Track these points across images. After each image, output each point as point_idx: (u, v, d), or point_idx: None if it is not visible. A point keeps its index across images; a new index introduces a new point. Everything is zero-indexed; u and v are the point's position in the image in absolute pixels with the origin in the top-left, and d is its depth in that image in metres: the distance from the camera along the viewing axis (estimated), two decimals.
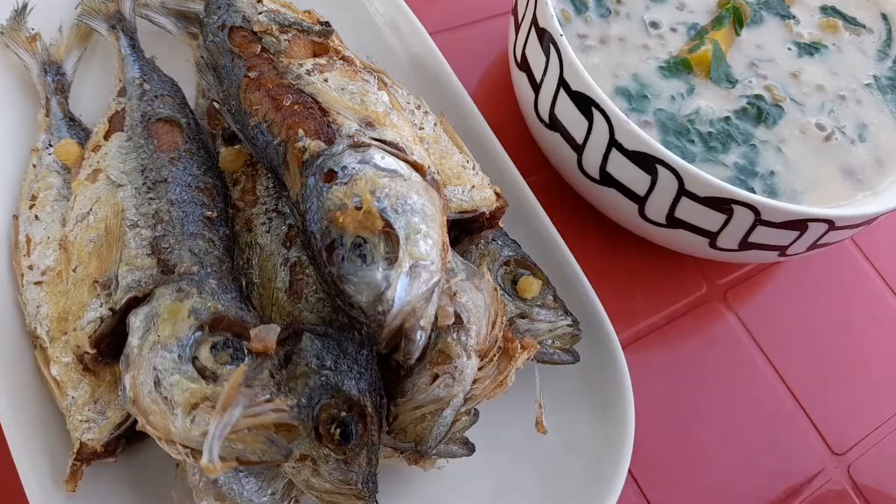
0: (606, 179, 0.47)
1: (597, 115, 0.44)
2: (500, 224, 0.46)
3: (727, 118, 0.50)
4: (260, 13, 0.44)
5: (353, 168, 0.34)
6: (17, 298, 0.40)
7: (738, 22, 0.53)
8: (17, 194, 0.44)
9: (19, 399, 0.36)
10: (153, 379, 0.30)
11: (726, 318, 0.55)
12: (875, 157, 0.50)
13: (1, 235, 0.42)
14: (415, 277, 0.33)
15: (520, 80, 0.52)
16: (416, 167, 0.37)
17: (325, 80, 0.40)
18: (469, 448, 0.39)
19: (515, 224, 0.48)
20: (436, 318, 0.34)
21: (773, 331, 0.55)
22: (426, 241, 0.34)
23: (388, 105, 0.40)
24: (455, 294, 0.36)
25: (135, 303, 0.33)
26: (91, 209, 0.38)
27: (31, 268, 0.39)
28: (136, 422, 0.35)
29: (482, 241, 0.44)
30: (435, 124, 0.45)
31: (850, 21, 0.57)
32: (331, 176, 0.34)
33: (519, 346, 0.36)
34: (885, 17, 0.57)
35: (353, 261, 0.32)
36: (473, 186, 0.41)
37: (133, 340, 0.32)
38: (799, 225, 0.44)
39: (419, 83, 0.52)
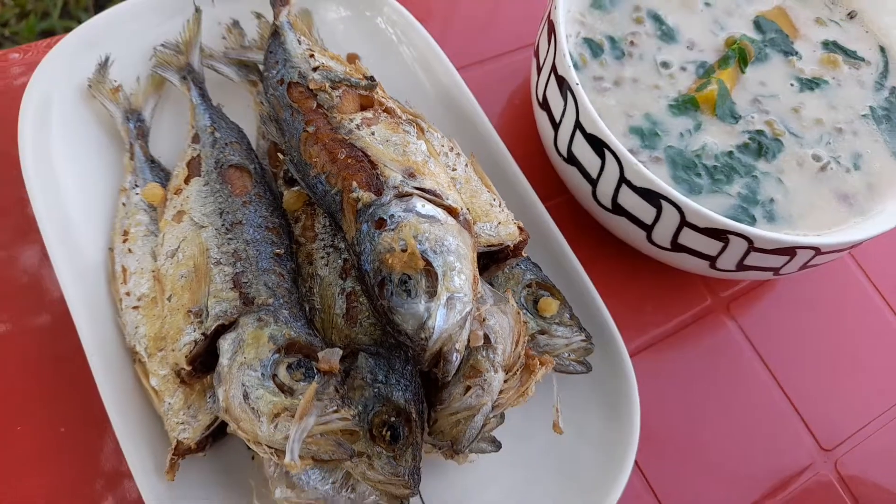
0: (618, 209, 0.53)
1: (608, 155, 0.50)
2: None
3: (730, 153, 0.55)
4: (314, 69, 0.51)
5: (399, 216, 0.41)
6: (117, 320, 0.47)
7: (743, 61, 0.58)
8: (109, 229, 0.51)
9: (124, 405, 0.44)
10: (242, 393, 0.38)
11: (728, 328, 0.60)
12: (868, 183, 0.55)
13: (97, 264, 0.50)
14: (451, 308, 0.39)
15: (541, 117, 0.58)
16: (451, 211, 0.43)
17: (373, 134, 0.46)
18: (496, 445, 0.45)
19: (537, 247, 0.55)
20: (468, 339, 0.41)
21: (771, 339, 0.60)
22: (460, 276, 0.40)
23: (426, 153, 0.47)
24: (484, 320, 0.43)
25: (222, 329, 0.41)
26: (179, 247, 0.45)
27: (128, 294, 0.47)
28: (221, 423, 0.42)
29: (508, 266, 0.50)
30: (466, 165, 0.51)
31: (850, 55, 0.61)
32: (381, 223, 0.41)
33: (538, 363, 0.43)
34: (882, 49, 0.62)
35: (400, 295, 0.39)
36: (500, 223, 0.48)
37: (224, 361, 0.39)
38: (788, 251, 0.50)
39: (448, 117, 0.59)
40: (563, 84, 0.53)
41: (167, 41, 0.57)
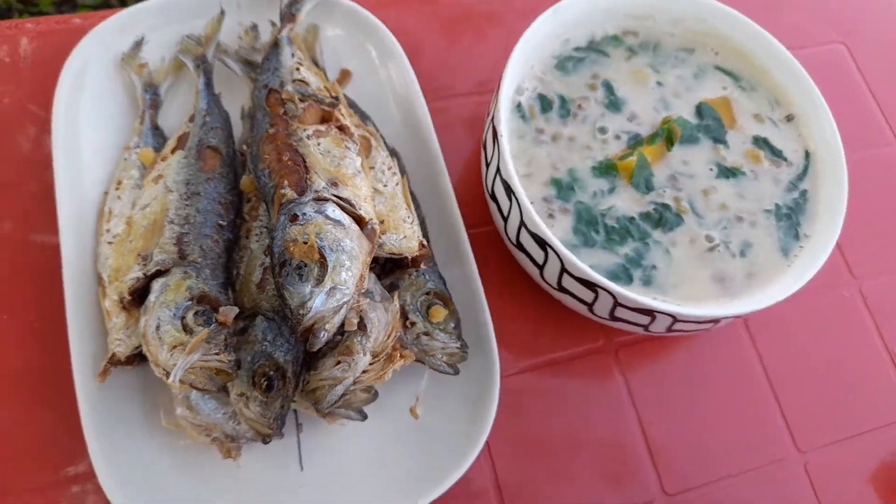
0: (520, 247, 0.62)
1: (514, 201, 0.59)
2: (435, 264, 0.62)
3: (632, 218, 0.63)
4: (294, 81, 0.62)
5: (310, 215, 0.51)
6: (96, 249, 0.60)
7: (670, 140, 0.66)
8: (110, 177, 0.64)
9: (82, 317, 0.56)
10: (156, 325, 0.49)
11: (613, 372, 0.68)
12: (748, 271, 0.62)
13: (96, 204, 0.62)
14: (331, 296, 0.49)
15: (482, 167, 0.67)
16: (359, 219, 0.53)
17: (318, 144, 0.57)
18: (362, 415, 0.55)
19: (454, 265, 0.64)
20: (344, 324, 0.51)
21: (649, 393, 0.68)
22: (347, 272, 0.51)
23: (358, 168, 0.57)
24: (363, 311, 0.53)
25: (158, 274, 0.52)
26: (149, 203, 0.57)
27: (107, 231, 0.59)
28: None
29: (414, 273, 0.60)
30: (397, 184, 0.61)
31: (776, 153, 0.68)
32: (294, 218, 0.51)
33: (399, 356, 0.53)
34: (808, 153, 0.68)
35: (293, 276, 0.50)
36: (405, 237, 0.57)
37: (151, 297, 0.51)
38: (648, 313, 0.57)
39: (408, 141, 0.68)
40: (508, 188, 0.60)
41: (192, 34, 0.69)
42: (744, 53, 0.71)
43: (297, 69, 0.63)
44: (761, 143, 0.68)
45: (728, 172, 0.66)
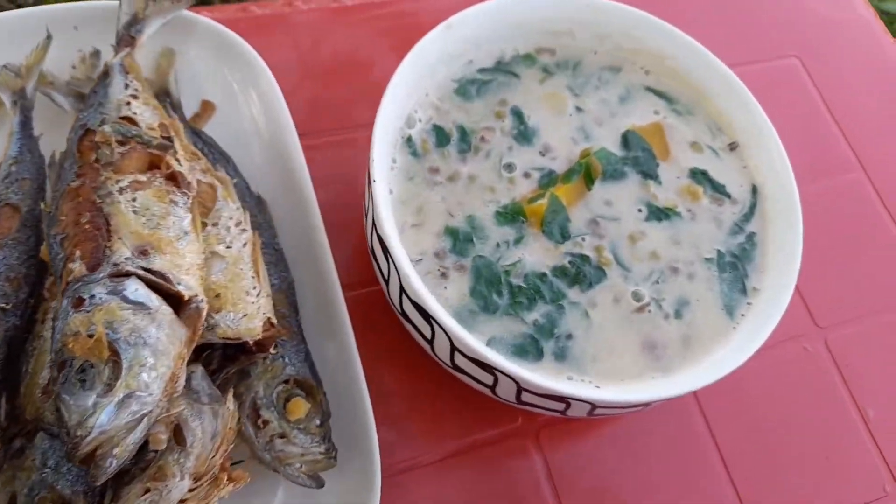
0: (405, 316, 0.50)
1: (391, 262, 0.47)
2: (302, 340, 0.50)
3: (543, 275, 0.51)
4: (120, 118, 0.50)
5: (100, 298, 0.39)
6: None
7: (589, 178, 0.55)
8: None
9: None
10: None
11: (532, 459, 0.56)
12: (683, 335, 0.51)
13: None
14: (124, 407, 0.37)
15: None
16: (178, 297, 0.41)
17: (133, 200, 0.44)
18: None
19: (326, 338, 0.52)
20: (148, 441, 0.39)
21: (578, 482, 0.56)
22: (150, 373, 0.38)
23: (185, 228, 0.45)
24: (182, 419, 0.41)
25: None
26: None
27: None
28: None
29: (269, 357, 0.48)
30: (244, 244, 0.49)
31: (717, 188, 0.57)
32: (79, 302, 0.39)
33: (227, 479, 0.40)
34: (755, 188, 0.57)
35: (73, 384, 0.37)
36: (245, 315, 0.45)
37: None
38: (561, 399, 0.46)
39: (277, 187, 0.57)
40: (384, 249, 0.49)
41: (11, 63, 0.56)
42: (679, 72, 0.60)
43: (129, 103, 0.51)
44: (700, 176, 0.57)
45: (660, 214, 0.55)
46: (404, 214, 0.52)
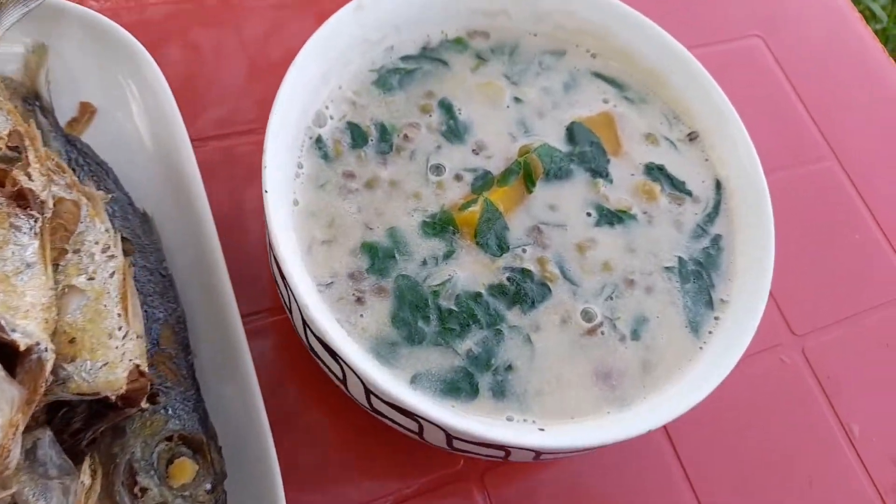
0: (313, 352, 0.42)
1: (289, 290, 0.39)
2: (194, 385, 0.42)
3: (479, 294, 0.44)
4: None
5: None
6: None
7: (529, 178, 0.47)
8: None
9: None
10: None
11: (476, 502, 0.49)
12: (643, 360, 0.43)
13: None
14: None
15: None
16: (12, 348, 0.33)
17: None
18: None
19: (225, 379, 0.44)
20: None
21: None
22: None
23: (28, 260, 0.36)
24: (23, 500, 0.32)
25: None
26: None
27: None
28: None
29: (147, 411, 0.39)
30: (112, 275, 0.41)
31: (676, 185, 0.50)
32: None
33: None
34: (718, 184, 0.50)
35: None
36: (106, 364, 0.37)
37: None
38: (499, 447, 0.38)
39: (166, 199, 0.48)
40: (284, 278, 0.40)
41: None
42: (630, 55, 0.53)
43: None
44: (656, 172, 0.50)
45: (612, 217, 0.48)
46: (313, 229, 0.44)
